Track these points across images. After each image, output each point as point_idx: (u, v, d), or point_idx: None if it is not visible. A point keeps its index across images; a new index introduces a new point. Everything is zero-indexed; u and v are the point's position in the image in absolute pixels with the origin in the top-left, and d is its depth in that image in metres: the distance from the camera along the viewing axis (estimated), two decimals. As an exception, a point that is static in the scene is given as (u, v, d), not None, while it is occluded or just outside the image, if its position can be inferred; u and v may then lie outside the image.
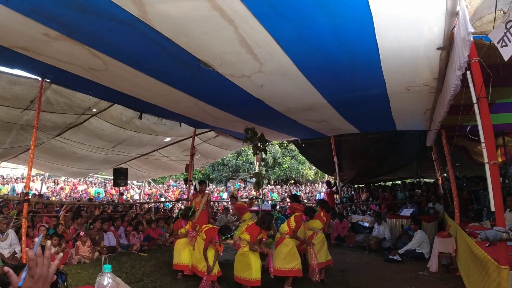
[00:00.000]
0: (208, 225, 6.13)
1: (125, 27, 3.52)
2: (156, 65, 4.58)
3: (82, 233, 7.51)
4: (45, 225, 7.61)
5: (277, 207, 14.56)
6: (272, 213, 7.68)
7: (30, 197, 6.09)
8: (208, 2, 2.97)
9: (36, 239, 1.18)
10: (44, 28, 3.64)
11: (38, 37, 3.87)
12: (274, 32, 3.53)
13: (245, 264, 5.24)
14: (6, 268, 1.07)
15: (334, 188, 12.32)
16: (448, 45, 3.72)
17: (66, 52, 4.28)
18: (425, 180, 15.36)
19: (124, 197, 17.94)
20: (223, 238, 5.51)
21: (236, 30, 3.45)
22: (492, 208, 3.08)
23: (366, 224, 10.14)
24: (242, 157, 27.00)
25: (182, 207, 12.82)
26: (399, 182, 14.47)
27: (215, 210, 15.10)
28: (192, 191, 8.79)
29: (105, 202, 14.29)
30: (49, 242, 1.19)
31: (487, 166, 3.11)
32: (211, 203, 11.32)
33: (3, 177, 19.23)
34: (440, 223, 8.81)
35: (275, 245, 5.94)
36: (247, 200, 13.51)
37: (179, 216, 6.62)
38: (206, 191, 8.15)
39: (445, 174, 10.00)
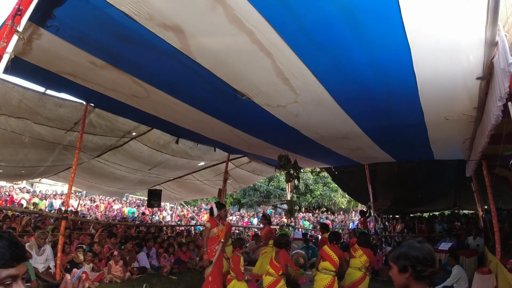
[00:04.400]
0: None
1: (167, 58, 3.70)
2: (194, 94, 4.75)
3: (115, 253, 7.65)
4: (83, 245, 7.78)
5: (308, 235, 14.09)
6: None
7: (68, 214, 6.32)
8: (247, 36, 3.09)
9: (77, 271, 1.24)
10: (91, 56, 3.88)
11: (84, 65, 4.12)
12: (310, 63, 3.59)
13: None
14: None
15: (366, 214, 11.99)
16: (488, 74, 3.63)
17: (110, 79, 4.54)
18: (465, 211, 14.68)
19: (156, 218, 18.23)
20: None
21: (274, 62, 3.54)
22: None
23: (402, 257, 9.72)
24: (273, 182, 26.86)
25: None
26: (437, 213, 13.88)
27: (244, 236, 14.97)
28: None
29: (138, 222, 14.53)
30: (84, 275, 1.26)
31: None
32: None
33: (41, 193, 20.07)
34: (480, 258, 8.34)
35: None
36: (278, 227, 13.34)
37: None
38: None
39: (485, 206, 9.53)
